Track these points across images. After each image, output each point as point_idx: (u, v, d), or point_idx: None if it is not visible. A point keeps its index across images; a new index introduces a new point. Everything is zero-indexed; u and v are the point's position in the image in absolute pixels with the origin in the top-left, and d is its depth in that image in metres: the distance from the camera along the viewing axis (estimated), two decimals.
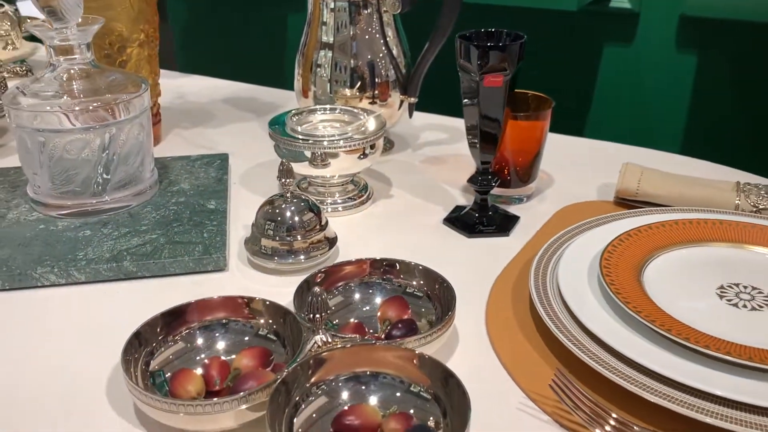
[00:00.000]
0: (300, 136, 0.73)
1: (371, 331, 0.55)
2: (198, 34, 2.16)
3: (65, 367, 0.53)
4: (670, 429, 0.46)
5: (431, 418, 0.45)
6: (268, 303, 0.52)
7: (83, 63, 0.71)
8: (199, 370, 0.50)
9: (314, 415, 0.45)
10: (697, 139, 1.60)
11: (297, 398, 0.45)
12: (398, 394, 0.46)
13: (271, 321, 0.52)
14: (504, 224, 0.73)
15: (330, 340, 0.48)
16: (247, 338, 0.52)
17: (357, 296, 0.57)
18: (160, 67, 0.95)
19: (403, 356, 0.46)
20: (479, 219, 0.73)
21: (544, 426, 0.47)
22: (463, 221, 0.73)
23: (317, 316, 0.48)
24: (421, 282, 0.57)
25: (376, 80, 0.86)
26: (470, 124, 0.70)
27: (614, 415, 0.46)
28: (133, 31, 0.87)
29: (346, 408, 0.46)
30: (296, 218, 0.65)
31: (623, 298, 0.53)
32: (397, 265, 0.57)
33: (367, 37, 0.85)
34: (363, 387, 0.46)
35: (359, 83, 0.86)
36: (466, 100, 0.69)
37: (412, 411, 0.45)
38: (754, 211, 0.70)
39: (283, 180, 0.65)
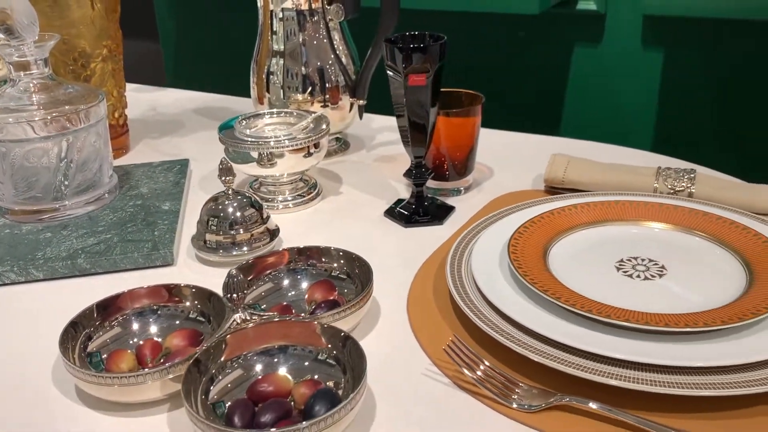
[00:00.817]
0: (247, 139, 0.78)
1: (295, 311, 0.60)
2: (187, 50, 2.22)
3: (19, 354, 0.58)
4: (554, 386, 0.50)
5: (335, 381, 0.49)
6: (194, 288, 0.57)
7: (41, 77, 0.77)
8: (132, 351, 0.55)
9: (229, 385, 0.50)
10: (666, 134, 1.64)
11: (213, 371, 0.50)
12: (306, 363, 0.51)
13: (198, 304, 0.57)
14: (439, 214, 0.78)
15: (248, 317, 0.53)
16: (178, 321, 0.57)
17: (286, 282, 0.62)
18: (149, 83, 1.00)
19: (308, 328, 0.51)
20: (416, 210, 0.78)
21: (445, 387, 0.52)
22: (400, 213, 0.78)
23: (234, 295, 0.53)
24: (343, 265, 0.62)
25: (327, 85, 0.91)
26: (401, 122, 0.75)
27: (503, 375, 0.50)
28: (95, 47, 0.93)
29: (259, 377, 0.50)
30: (238, 213, 0.69)
31: (530, 279, 0.57)
32: (320, 251, 0.62)
33: (315, 43, 0.90)
34: (275, 359, 0.51)
35: (310, 88, 0.91)
36: (395, 100, 0.74)
37: (317, 376, 0.50)
38: (671, 193, 0.74)
39: (224, 178, 0.70)
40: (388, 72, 0.73)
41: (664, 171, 0.76)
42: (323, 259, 0.62)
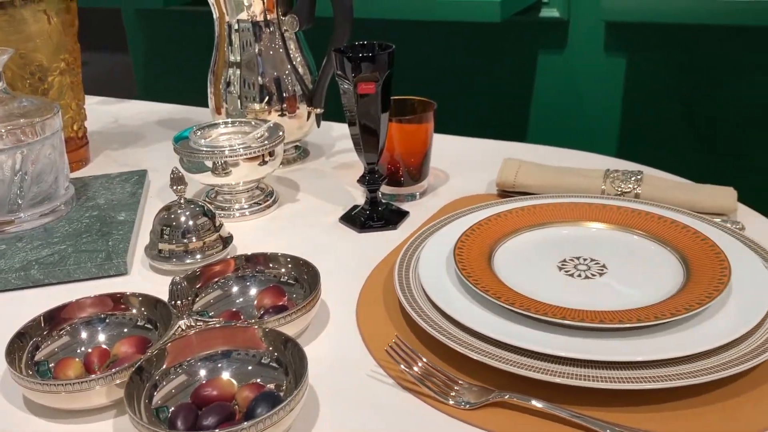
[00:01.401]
0: (202, 148, 0.79)
1: (243, 317, 0.60)
2: (156, 63, 2.22)
3: None
4: (499, 385, 0.51)
5: (277, 383, 0.50)
6: (141, 297, 0.57)
7: None
8: (80, 359, 0.56)
9: (173, 391, 0.50)
10: (630, 138, 1.67)
11: (157, 377, 0.50)
12: (250, 367, 0.52)
13: (146, 312, 0.57)
14: (393, 219, 0.79)
15: (193, 324, 0.54)
16: (126, 329, 0.58)
17: (235, 289, 0.63)
18: (121, 94, 1.00)
19: (251, 332, 0.52)
20: (370, 216, 0.79)
21: (388, 388, 0.53)
22: (355, 218, 0.79)
23: (179, 302, 0.53)
24: (291, 270, 0.62)
25: (284, 94, 0.92)
26: (353, 130, 0.76)
27: (443, 373, 0.51)
28: (53, 60, 0.93)
29: (203, 382, 0.51)
30: (190, 222, 0.70)
31: (473, 279, 0.58)
32: (267, 257, 0.63)
33: (271, 53, 0.91)
34: (219, 364, 0.52)
35: (267, 98, 0.92)
36: (346, 108, 0.75)
37: (260, 380, 0.51)
38: (618, 194, 0.76)
39: (175, 187, 0.70)
40: (338, 81, 0.74)
41: (611, 173, 0.78)
42: (271, 266, 0.63)
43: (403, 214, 0.80)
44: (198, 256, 0.70)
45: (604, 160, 0.91)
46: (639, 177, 0.77)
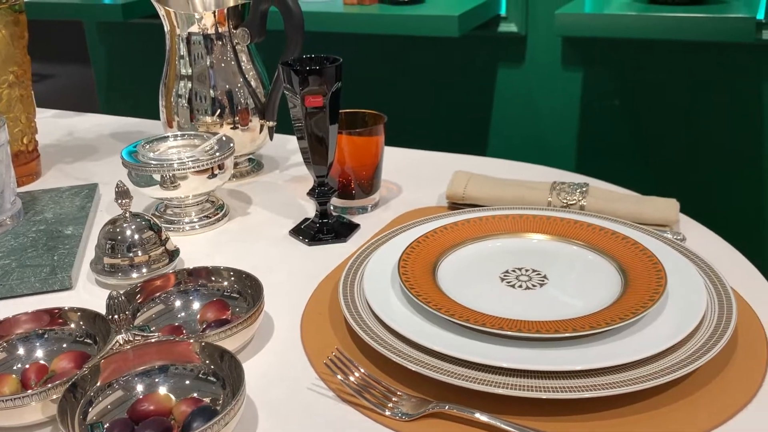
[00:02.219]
0: (150, 162, 0.79)
1: (186, 331, 0.60)
2: (118, 76, 2.21)
3: None
4: (441, 396, 0.51)
5: (214, 397, 0.50)
6: (80, 311, 0.57)
7: None
8: (17, 375, 0.55)
9: (110, 407, 0.50)
10: (586, 151, 1.69)
11: (92, 393, 0.50)
12: (187, 381, 0.51)
13: (85, 327, 0.57)
14: (343, 232, 0.79)
15: (131, 338, 0.53)
16: (65, 344, 0.57)
17: (177, 303, 0.62)
18: (83, 107, 0.99)
19: (188, 347, 0.51)
20: (320, 228, 0.79)
21: (328, 400, 0.53)
22: (305, 231, 0.79)
23: (116, 317, 0.53)
24: (234, 284, 0.62)
25: (236, 107, 0.92)
26: (302, 143, 0.76)
27: (382, 385, 0.51)
28: (1, 73, 0.92)
29: (140, 397, 0.51)
30: (135, 236, 0.70)
31: (415, 291, 0.58)
32: (209, 271, 0.63)
33: (223, 66, 0.91)
34: (156, 378, 0.51)
35: (219, 111, 0.92)
36: (295, 121, 0.75)
37: (198, 394, 0.50)
38: (564, 206, 0.77)
39: (120, 201, 0.70)
40: (287, 94, 0.75)
41: (558, 185, 0.79)
42: (214, 279, 0.63)
43: (353, 227, 0.80)
44: (144, 270, 0.69)
45: (552, 172, 0.93)
46: (584, 189, 0.78)
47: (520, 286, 0.61)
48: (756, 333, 0.57)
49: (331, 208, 0.81)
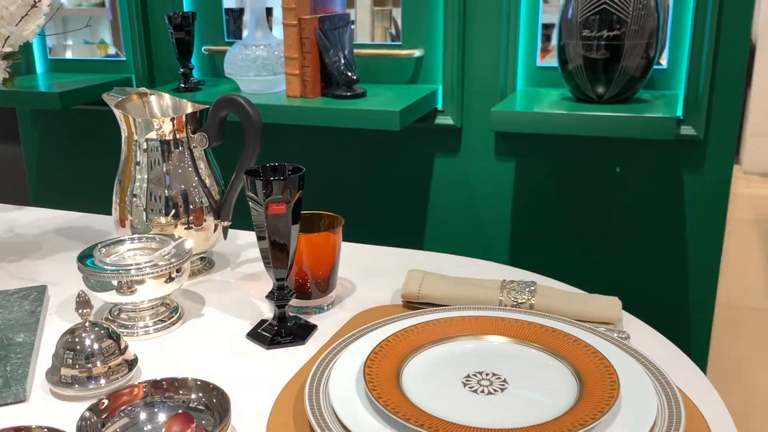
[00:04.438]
0: (107, 267, 0.78)
1: None
2: (51, 166, 2.17)
3: None
4: None
5: None
6: (46, 430, 0.56)
7: None
8: None
9: None
10: (521, 241, 1.76)
11: None
12: None
13: None
14: (301, 333, 0.80)
15: None
16: None
17: (143, 416, 0.62)
18: (11, 199, 0.98)
19: None
20: (278, 331, 0.80)
21: None
22: (263, 335, 0.80)
23: None
24: (201, 395, 0.62)
25: (191, 207, 0.93)
26: (262, 247, 0.78)
27: None
28: None
29: None
30: (95, 345, 0.69)
31: (383, 401, 0.60)
32: (176, 382, 0.63)
33: (180, 171, 0.93)
34: None
35: (174, 211, 0.93)
36: (256, 227, 0.77)
37: None
38: (514, 305, 0.81)
39: (81, 311, 0.69)
40: (249, 201, 0.77)
41: (507, 284, 0.83)
42: (180, 391, 0.63)
43: (311, 328, 0.81)
44: (102, 381, 0.69)
45: (500, 268, 0.97)
46: (533, 288, 0.82)
47: (482, 391, 0.63)
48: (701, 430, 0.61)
49: (288, 309, 0.82)
